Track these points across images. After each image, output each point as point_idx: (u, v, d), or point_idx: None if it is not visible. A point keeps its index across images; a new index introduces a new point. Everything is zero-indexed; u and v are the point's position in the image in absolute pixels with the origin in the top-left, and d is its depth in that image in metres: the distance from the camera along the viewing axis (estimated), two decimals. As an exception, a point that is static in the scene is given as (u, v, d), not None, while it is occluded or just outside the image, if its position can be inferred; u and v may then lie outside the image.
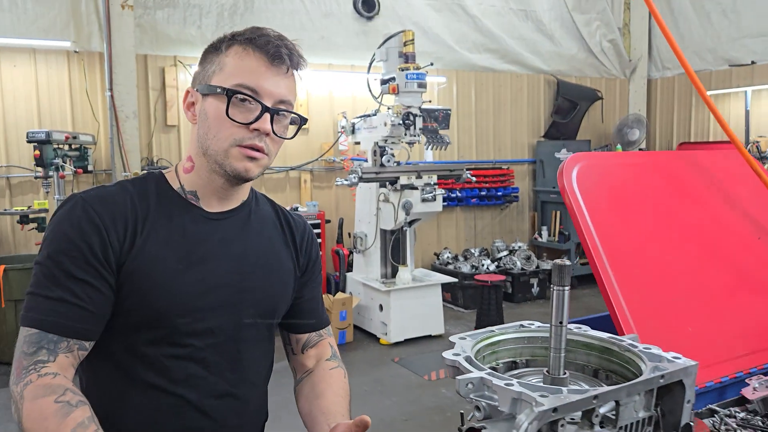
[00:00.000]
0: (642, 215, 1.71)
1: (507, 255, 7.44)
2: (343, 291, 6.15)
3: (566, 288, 1.06)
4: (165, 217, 1.23)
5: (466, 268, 7.00)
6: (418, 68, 5.49)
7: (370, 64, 5.87)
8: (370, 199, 5.90)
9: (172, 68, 6.15)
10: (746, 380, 1.57)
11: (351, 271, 6.35)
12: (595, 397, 0.94)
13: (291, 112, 1.28)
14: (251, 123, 1.20)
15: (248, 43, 1.22)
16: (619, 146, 8.37)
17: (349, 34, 6.97)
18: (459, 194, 7.65)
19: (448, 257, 7.39)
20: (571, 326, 1.25)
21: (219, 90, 1.20)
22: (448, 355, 1.10)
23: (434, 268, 7.08)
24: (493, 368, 1.22)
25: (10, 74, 5.52)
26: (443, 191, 5.70)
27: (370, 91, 5.85)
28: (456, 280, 6.34)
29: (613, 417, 1.00)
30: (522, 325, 1.27)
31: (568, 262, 1.06)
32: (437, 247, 7.72)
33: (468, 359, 1.08)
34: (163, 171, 1.31)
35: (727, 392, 1.61)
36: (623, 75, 8.96)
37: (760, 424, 1.42)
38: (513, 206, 8.24)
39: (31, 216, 4.98)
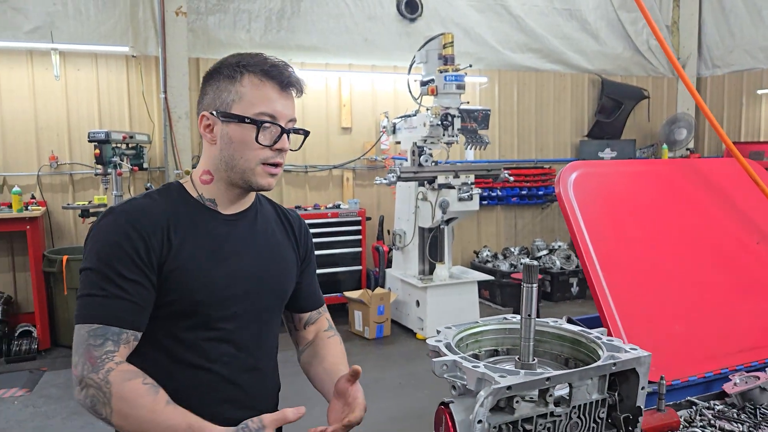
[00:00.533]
0: (636, 221, 1.82)
1: (547, 254, 7.49)
2: (383, 287, 6.34)
3: (534, 285, 1.21)
4: (191, 221, 1.44)
5: (504, 267, 7.09)
6: (456, 70, 5.62)
7: (411, 66, 6.03)
8: (409, 198, 6.06)
9: (222, 71, 6.43)
10: (729, 376, 1.67)
11: (390, 267, 6.54)
12: (548, 378, 1.09)
13: (300, 129, 1.49)
14: (274, 144, 1.40)
15: (263, 74, 1.41)
16: (665, 146, 8.27)
17: (392, 35, 7.14)
18: (499, 193, 7.72)
19: (487, 255, 7.49)
20: (549, 320, 1.40)
21: (247, 120, 1.38)
22: (431, 341, 1.27)
23: (473, 266, 7.19)
24: (475, 355, 1.38)
25: (75, 78, 5.93)
26: (480, 190, 5.81)
27: (410, 92, 6.02)
28: (492, 277, 6.44)
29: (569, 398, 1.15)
30: (505, 318, 1.43)
31: (535, 263, 1.21)
32: (477, 245, 7.82)
33: (447, 345, 1.25)
34: (180, 181, 1.51)
35: (714, 388, 1.71)
36: (671, 73, 8.82)
37: (734, 416, 1.53)
38: (554, 205, 8.25)
39: (91, 210, 5.35)
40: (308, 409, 1.55)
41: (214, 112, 1.41)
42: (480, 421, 1.04)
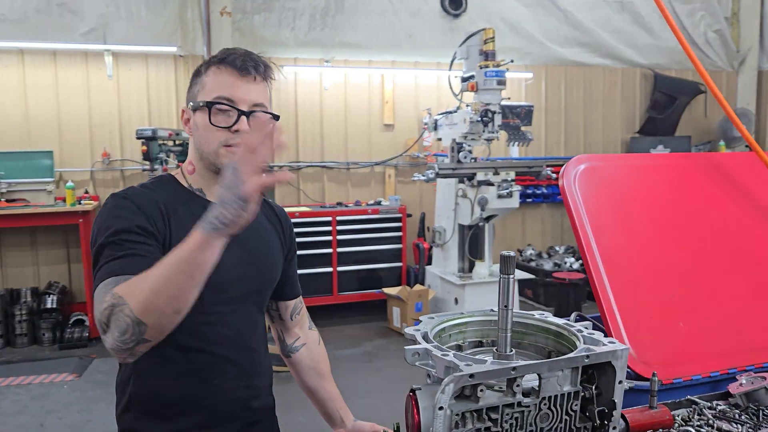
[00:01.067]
0: (645, 217, 1.76)
1: (593, 253, 7.30)
2: (422, 284, 6.34)
3: (511, 276, 1.20)
4: (186, 208, 1.49)
5: (548, 266, 6.97)
6: (498, 66, 5.56)
7: (452, 62, 6.00)
8: (449, 195, 6.04)
9: (267, 68, 6.58)
10: (737, 377, 1.61)
11: (431, 264, 6.53)
12: (514, 368, 1.09)
13: (264, 111, 1.50)
14: (231, 126, 1.45)
15: (221, 62, 1.48)
16: (722, 142, 7.95)
17: (435, 32, 7.12)
18: (545, 191, 7.59)
19: (531, 254, 7.37)
20: (535, 313, 1.38)
21: (202, 104, 1.46)
22: (409, 330, 1.28)
23: (517, 265, 7.08)
24: (459, 346, 1.38)
25: (127, 77, 6.18)
26: (521, 188, 5.73)
27: (451, 88, 6.00)
28: (533, 276, 6.35)
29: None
30: (492, 310, 1.42)
31: (512, 254, 1.20)
32: (521, 243, 7.71)
33: (425, 335, 1.25)
34: (172, 173, 1.58)
35: (721, 388, 1.65)
36: (730, 67, 8.47)
37: (736, 416, 1.48)
38: (603, 204, 8.05)
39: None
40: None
41: (188, 105, 1.52)
42: (441, 408, 1.04)
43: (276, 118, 1.54)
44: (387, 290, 6.07)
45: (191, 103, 1.50)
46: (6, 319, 5.60)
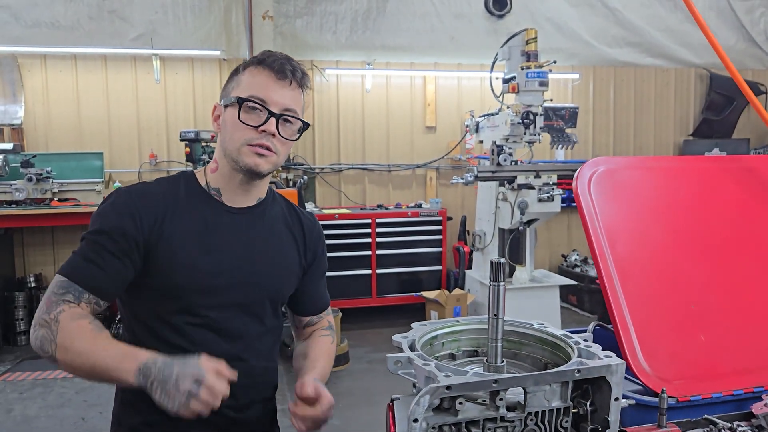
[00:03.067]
0: (663, 223, 1.66)
1: (641, 260, 7.06)
2: (462, 288, 6.26)
3: (501, 284, 1.15)
4: (190, 209, 1.49)
5: (593, 272, 6.76)
6: (540, 66, 5.43)
7: (493, 63, 5.89)
8: (490, 198, 5.93)
9: (308, 72, 6.63)
10: (762, 396, 1.50)
11: (471, 268, 6.44)
12: (496, 381, 1.03)
13: (295, 117, 1.49)
14: (260, 126, 1.44)
15: (259, 63, 1.48)
16: (783, 146, 7.56)
17: (479, 33, 7.02)
18: (591, 195, 7.36)
19: (576, 259, 7.18)
20: (534, 322, 1.32)
21: (234, 99, 1.45)
22: (396, 337, 1.24)
23: (560, 270, 6.93)
24: (452, 354, 1.33)
25: (173, 81, 6.34)
26: (562, 191, 5.57)
27: (492, 90, 5.89)
28: (575, 283, 6.17)
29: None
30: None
31: (503, 261, 1.15)
32: (566, 248, 7.52)
33: (412, 343, 1.21)
34: (195, 171, 1.58)
35: (746, 407, 1.55)
36: (794, 66, 8.05)
37: (755, 439, 1.37)
38: (653, 209, 7.77)
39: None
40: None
41: (221, 102, 1.52)
42: (416, 420, 1.00)
43: (306, 125, 1.53)
44: (426, 293, 6.01)
45: (223, 100, 1.50)
46: (57, 314, 5.81)
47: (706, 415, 1.46)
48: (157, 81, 6.25)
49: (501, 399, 1.05)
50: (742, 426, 1.44)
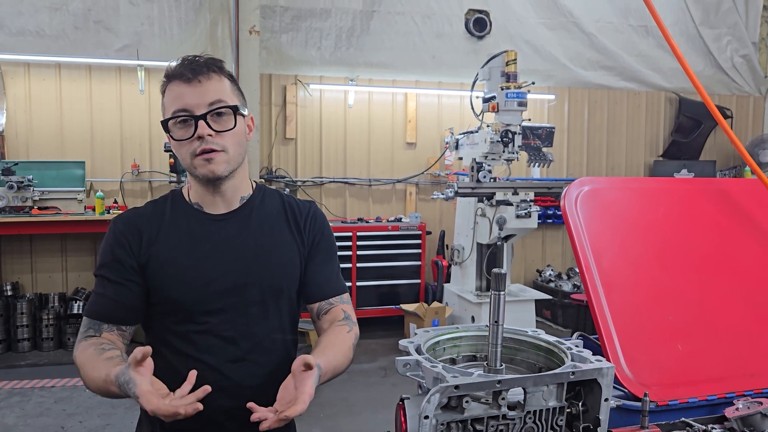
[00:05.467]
0: (646, 241, 1.79)
1: (613, 276, 7.26)
2: (440, 301, 6.37)
3: (502, 293, 1.26)
4: (176, 224, 1.57)
5: (567, 287, 6.94)
6: (519, 87, 5.61)
7: (474, 83, 6.07)
8: (469, 214, 6.08)
9: (293, 86, 6.75)
10: (734, 401, 1.63)
11: (449, 282, 6.56)
12: (499, 381, 1.14)
13: (220, 107, 1.48)
14: (192, 135, 1.46)
15: (168, 80, 1.51)
16: (747, 168, 7.86)
17: (459, 53, 7.21)
18: (566, 212, 7.56)
19: (550, 275, 7.35)
20: (528, 330, 1.43)
21: (161, 123, 1.51)
22: (403, 341, 1.33)
23: (536, 285, 7.09)
24: (453, 359, 1.43)
25: (158, 92, 6.30)
26: (539, 208, 5.74)
27: (472, 109, 6.06)
28: (550, 297, 6.33)
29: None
30: (487, 325, 1.47)
31: (504, 272, 1.26)
32: (541, 263, 7.70)
33: (417, 347, 1.31)
34: (181, 188, 1.66)
35: (719, 411, 1.67)
36: (758, 92, 8.39)
37: (727, 440, 1.49)
38: (625, 227, 8.00)
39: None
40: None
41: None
42: (427, 417, 1.10)
43: (235, 108, 1.51)
44: (405, 306, 6.11)
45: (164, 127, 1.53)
46: (34, 323, 5.77)
47: (683, 418, 1.59)
48: (142, 92, 6.28)
49: (503, 398, 1.15)
50: (716, 429, 1.57)
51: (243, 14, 6.17)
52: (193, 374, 1.30)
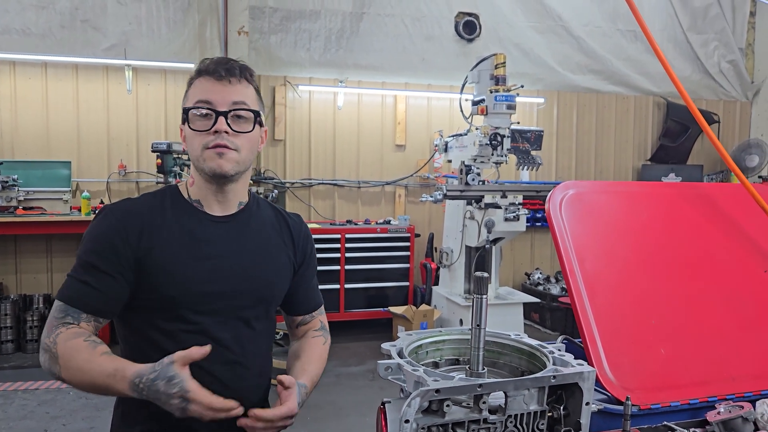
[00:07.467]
0: (630, 244, 1.79)
1: (601, 279, 7.29)
2: (429, 304, 6.37)
3: (484, 296, 1.25)
4: (177, 221, 1.55)
5: (555, 290, 6.96)
6: (508, 90, 5.62)
7: (463, 85, 6.07)
8: (457, 216, 6.08)
9: (282, 87, 6.73)
10: (716, 405, 1.63)
11: (438, 285, 6.56)
12: (480, 385, 1.13)
13: (245, 109, 1.52)
14: (210, 128, 1.49)
15: (200, 73, 1.55)
16: (734, 172, 7.92)
17: (449, 55, 7.22)
18: (554, 215, 7.58)
19: (539, 278, 7.37)
20: (511, 333, 1.43)
21: (183, 111, 1.53)
22: (385, 345, 1.32)
23: (524, 288, 7.11)
24: (435, 363, 1.42)
25: (146, 92, 6.34)
26: (527, 211, 5.75)
27: (461, 111, 6.06)
28: (538, 300, 6.34)
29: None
30: (470, 329, 1.46)
31: (486, 275, 1.25)
32: (529, 266, 7.72)
33: (400, 351, 1.30)
34: (178, 184, 1.64)
35: (701, 415, 1.67)
36: (744, 97, 8.47)
37: (709, 443, 1.50)
38: (613, 230, 8.03)
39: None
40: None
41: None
42: (407, 421, 1.09)
43: (256, 114, 1.55)
44: (393, 309, 6.10)
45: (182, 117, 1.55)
46: (18, 324, 5.71)
47: (665, 422, 1.59)
48: (129, 92, 6.24)
49: (484, 402, 1.15)
50: (697, 432, 1.57)
51: (232, 15, 6.15)
52: (207, 347, 1.36)
